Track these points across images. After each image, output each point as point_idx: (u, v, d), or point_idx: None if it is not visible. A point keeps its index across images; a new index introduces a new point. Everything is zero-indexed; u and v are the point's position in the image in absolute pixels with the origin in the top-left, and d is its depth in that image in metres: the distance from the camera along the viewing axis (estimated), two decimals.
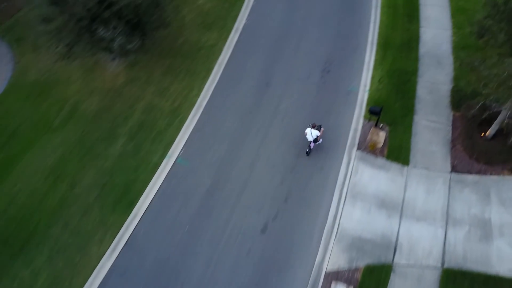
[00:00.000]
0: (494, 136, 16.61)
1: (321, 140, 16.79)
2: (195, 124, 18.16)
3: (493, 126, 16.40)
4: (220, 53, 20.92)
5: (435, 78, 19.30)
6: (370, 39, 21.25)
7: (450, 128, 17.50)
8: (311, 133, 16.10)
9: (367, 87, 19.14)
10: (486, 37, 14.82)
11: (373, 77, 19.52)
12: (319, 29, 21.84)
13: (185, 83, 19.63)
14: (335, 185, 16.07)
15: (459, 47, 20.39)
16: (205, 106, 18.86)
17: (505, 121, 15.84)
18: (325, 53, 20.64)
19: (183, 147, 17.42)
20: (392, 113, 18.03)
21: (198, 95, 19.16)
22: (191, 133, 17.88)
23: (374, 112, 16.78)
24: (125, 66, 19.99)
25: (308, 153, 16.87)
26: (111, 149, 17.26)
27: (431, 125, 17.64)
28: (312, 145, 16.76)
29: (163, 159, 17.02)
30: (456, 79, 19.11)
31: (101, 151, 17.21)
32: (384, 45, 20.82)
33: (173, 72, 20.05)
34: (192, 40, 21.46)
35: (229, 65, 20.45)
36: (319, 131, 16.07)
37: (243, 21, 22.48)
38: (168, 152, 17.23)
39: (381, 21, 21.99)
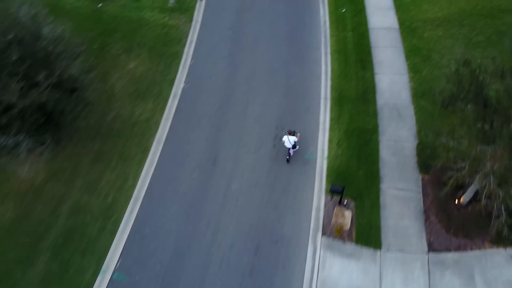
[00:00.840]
0: (470, 202, 15.19)
1: (297, 147, 16.88)
2: (132, 225, 15.76)
3: (467, 193, 14.99)
4: (158, 127, 18.66)
5: (397, 135, 17.85)
6: (323, 94, 19.65)
7: (421, 195, 16.01)
8: (289, 140, 16.26)
9: (325, 154, 17.43)
10: (451, 108, 13.35)
11: (330, 140, 17.85)
12: (267, 87, 20.04)
13: (118, 171, 17.20)
14: (302, 286, 14.06)
15: (419, 95, 19.12)
16: (143, 198, 16.50)
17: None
18: (276, 116, 18.83)
19: (119, 257, 14.97)
20: (356, 184, 16.34)
21: (134, 186, 16.78)
22: (128, 236, 15.47)
23: (336, 192, 14.99)
24: (45, 158, 17.30)
25: (288, 161, 17.22)
26: (31, 273, 14.55)
27: (400, 194, 16.08)
28: (291, 151, 17.01)
29: (97, 276, 14.48)
30: (420, 132, 17.71)
31: (19, 277, 14.45)
32: (339, 100, 19.25)
33: (104, 158, 17.57)
34: (124, 114, 19.07)
35: (169, 142, 18.22)
36: (296, 136, 16.26)
37: (181, 85, 20.37)
38: (102, 266, 14.70)
39: (333, 71, 20.47)
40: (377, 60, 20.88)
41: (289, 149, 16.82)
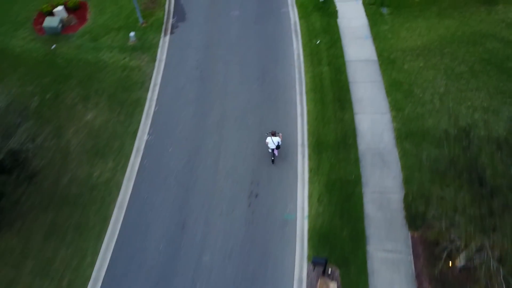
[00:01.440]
0: (464, 266, 13.95)
1: (280, 147, 17.10)
2: None
3: (461, 255, 13.74)
4: (119, 190, 16.98)
5: (382, 185, 16.60)
6: (300, 139, 18.30)
7: (411, 257, 14.74)
8: (273, 141, 16.58)
9: (306, 212, 16.03)
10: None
11: (310, 195, 16.46)
12: (239, 135, 18.58)
13: (74, 246, 15.47)
14: None
15: (403, 136, 17.93)
16: (104, 279, 14.80)
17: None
18: (250, 169, 17.38)
19: None
20: (340, 248, 14.99)
21: (93, 264, 15.06)
22: None
23: (319, 264, 13.58)
24: None
25: (273, 161, 17.43)
26: None
27: (389, 257, 14.78)
28: (276, 152, 17.23)
29: None
30: (407, 182, 16.50)
31: None
32: (317, 146, 17.92)
33: (58, 232, 15.82)
34: (81, 176, 17.34)
35: (132, 207, 16.56)
36: (278, 136, 16.66)
37: (145, 137, 18.74)
38: None
39: (309, 112, 19.15)
40: (356, 98, 19.66)
41: (273, 149, 17.10)
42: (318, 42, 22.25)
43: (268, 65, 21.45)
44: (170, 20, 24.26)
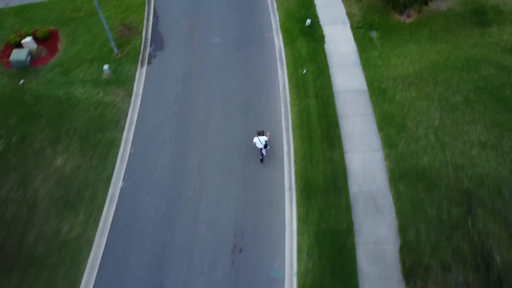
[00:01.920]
0: None
1: (268, 146, 17.44)
2: None
3: None
4: (91, 247, 15.71)
5: (376, 234, 15.54)
6: (287, 183, 17.19)
7: None
8: (260, 141, 16.83)
9: (295, 268, 14.90)
10: None
11: (299, 249, 15.35)
12: (221, 179, 17.42)
13: None
14: None
15: (397, 177, 16.91)
16: None
17: None
18: (234, 219, 16.21)
19: None
20: None
21: None
22: None
23: None
24: None
25: (262, 161, 17.80)
26: None
27: None
28: (263, 151, 17.54)
29: None
30: (402, 230, 15.46)
31: None
32: (305, 191, 16.81)
33: None
34: (48, 232, 16.04)
35: (105, 266, 15.30)
36: (266, 135, 17.04)
37: (120, 184, 17.47)
38: None
39: (296, 152, 18.03)
40: (346, 134, 18.61)
41: (261, 149, 17.44)
42: (304, 71, 21.18)
43: (252, 97, 20.33)
44: (148, 49, 23.05)
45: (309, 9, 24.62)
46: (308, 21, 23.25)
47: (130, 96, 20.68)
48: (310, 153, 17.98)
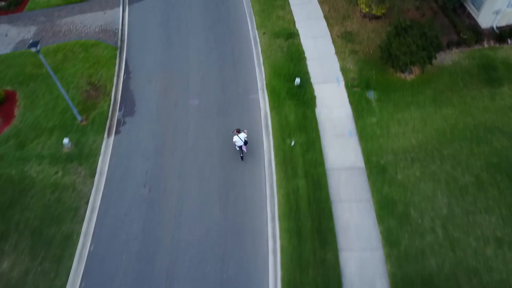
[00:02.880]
0: None
1: (247, 143, 18.15)
2: None
3: None
4: None
5: None
6: None
7: None
8: (240, 138, 17.63)
9: None
10: None
11: None
12: (194, 263, 15.07)
13: None
14: None
15: (399, 286, 14.60)
16: None
17: None
18: None
19: None
20: None
21: None
22: None
23: None
24: None
25: (242, 158, 18.55)
26: None
27: None
28: (244, 148, 18.30)
29: None
30: None
31: None
32: None
33: None
34: None
35: None
36: (244, 132, 17.82)
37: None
38: None
39: (283, 250, 15.95)
40: (341, 225, 16.43)
41: (241, 146, 18.13)
42: (293, 143, 19.02)
43: (233, 177, 18.14)
44: (116, 114, 20.88)
45: (299, 63, 22.50)
46: (297, 80, 21.12)
47: (93, 175, 18.42)
48: (299, 252, 15.75)
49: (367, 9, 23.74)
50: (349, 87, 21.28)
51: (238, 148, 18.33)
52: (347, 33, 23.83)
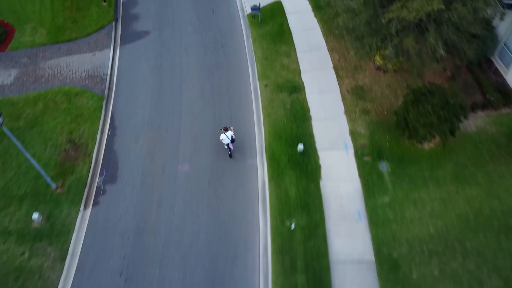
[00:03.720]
0: None
1: (234, 141, 18.62)
2: None
3: None
4: None
5: None
6: None
7: None
8: (227, 136, 18.03)
9: None
10: None
11: None
12: None
13: None
14: None
15: None
16: None
17: None
18: None
19: None
20: None
21: None
22: None
23: None
24: None
25: (231, 156, 19.10)
26: None
27: None
28: (231, 146, 18.72)
29: None
30: None
31: None
32: None
33: None
34: None
35: None
36: (231, 130, 18.23)
37: None
38: None
39: None
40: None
41: (228, 144, 18.62)
42: (293, 226, 16.86)
43: (222, 269, 16.00)
44: (96, 180, 18.91)
45: (303, 124, 20.38)
46: (301, 146, 19.01)
47: (64, 258, 16.46)
48: None
49: (381, 62, 21.59)
50: (359, 155, 19.09)
51: (226, 147, 18.89)
52: (358, 88, 21.66)
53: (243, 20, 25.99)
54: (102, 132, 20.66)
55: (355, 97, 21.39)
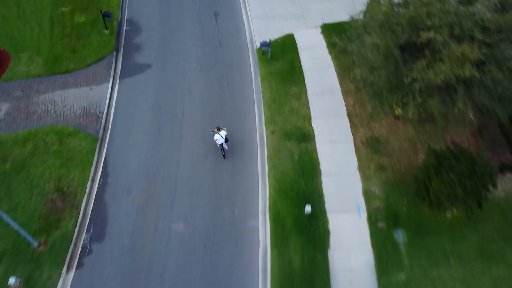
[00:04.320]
0: None
1: (228, 141, 19.23)
2: None
3: None
4: None
5: None
6: None
7: None
8: (221, 136, 18.56)
9: None
10: None
11: None
12: None
13: None
14: None
15: None
16: None
17: None
18: None
19: None
20: None
21: None
22: None
23: None
24: None
25: (224, 156, 19.50)
26: None
27: None
28: (225, 145, 19.24)
29: None
30: None
31: None
32: None
33: None
34: None
35: None
36: (224, 130, 18.83)
37: None
38: None
39: None
40: None
41: (222, 144, 19.00)
42: None
43: None
44: (83, 237, 17.47)
45: (312, 179, 18.73)
46: (308, 208, 17.35)
47: None
48: None
49: (401, 112, 19.78)
50: (372, 221, 17.35)
51: (219, 146, 19.20)
52: (374, 139, 19.91)
53: (252, 55, 24.40)
54: (93, 180, 19.21)
55: (370, 149, 19.63)
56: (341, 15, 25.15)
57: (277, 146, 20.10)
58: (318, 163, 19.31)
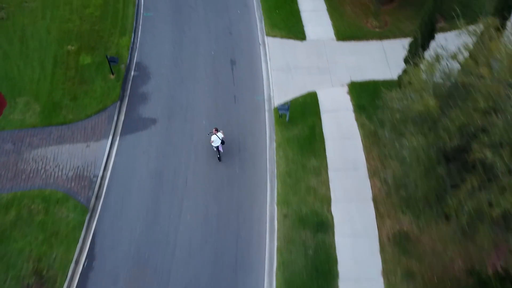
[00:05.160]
0: None
1: (224, 143, 19.27)
2: None
3: None
4: None
5: None
6: None
7: None
8: (218, 137, 18.72)
9: None
10: None
11: None
12: None
13: None
14: None
15: None
16: None
17: None
18: None
19: None
20: None
21: None
22: None
23: None
24: None
25: (220, 159, 19.68)
26: None
27: None
28: (220, 147, 19.32)
29: None
30: None
31: None
32: None
33: None
34: None
35: None
36: (221, 132, 18.99)
37: None
38: None
39: None
40: None
41: (218, 147, 19.20)
42: None
43: None
44: None
45: (327, 284, 16.00)
46: None
47: None
48: None
49: None
50: None
51: (215, 149, 19.37)
52: (402, 236, 17.16)
53: (269, 114, 21.91)
54: (76, 263, 16.99)
55: (397, 249, 16.87)
56: (371, 72, 22.83)
57: (289, 235, 17.52)
58: (336, 262, 16.64)
